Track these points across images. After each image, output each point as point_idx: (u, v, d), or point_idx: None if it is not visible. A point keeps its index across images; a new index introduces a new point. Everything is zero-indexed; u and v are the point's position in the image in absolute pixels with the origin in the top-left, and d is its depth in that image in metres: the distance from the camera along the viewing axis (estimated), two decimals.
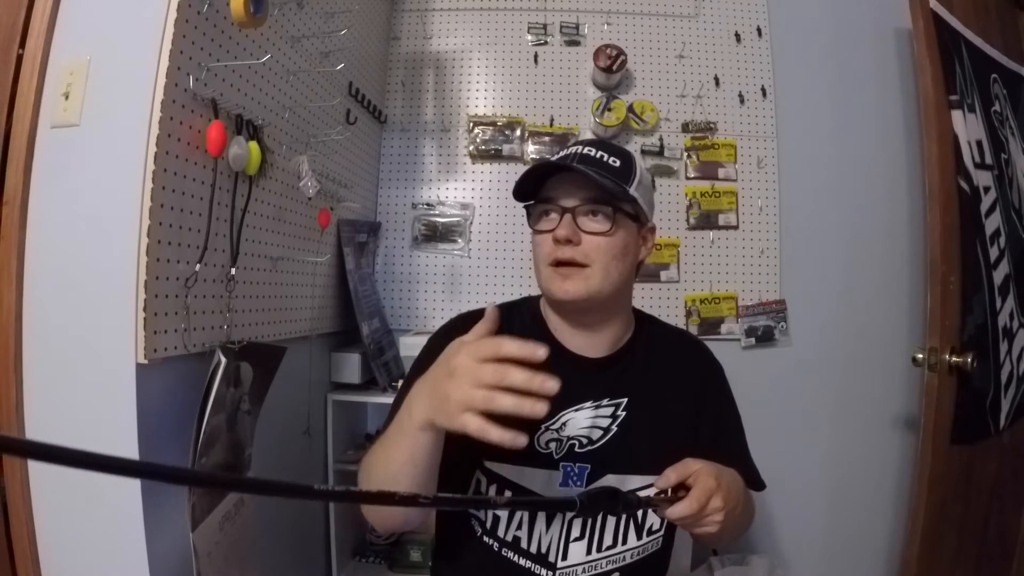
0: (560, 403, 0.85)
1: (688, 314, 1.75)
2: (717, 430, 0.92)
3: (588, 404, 0.86)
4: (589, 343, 0.88)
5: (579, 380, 0.86)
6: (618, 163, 0.84)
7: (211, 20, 0.93)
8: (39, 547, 0.88)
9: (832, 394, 1.76)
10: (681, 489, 0.71)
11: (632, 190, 0.83)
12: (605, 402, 0.86)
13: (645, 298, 1.76)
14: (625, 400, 0.87)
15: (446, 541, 0.94)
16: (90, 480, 0.84)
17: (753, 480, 0.91)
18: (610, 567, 0.85)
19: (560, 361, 0.88)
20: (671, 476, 0.72)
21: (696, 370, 0.95)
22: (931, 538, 1.39)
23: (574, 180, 0.81)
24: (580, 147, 0.85)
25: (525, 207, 0.88)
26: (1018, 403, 1.59)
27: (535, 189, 0.86)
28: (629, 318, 0.93)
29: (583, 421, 0.85)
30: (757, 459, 0.93)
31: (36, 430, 0.87)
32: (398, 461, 0.67)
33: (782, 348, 1.77)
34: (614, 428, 0.86)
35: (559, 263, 0.82)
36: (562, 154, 0.86)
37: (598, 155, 0.84)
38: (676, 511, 0.69)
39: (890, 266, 1.77)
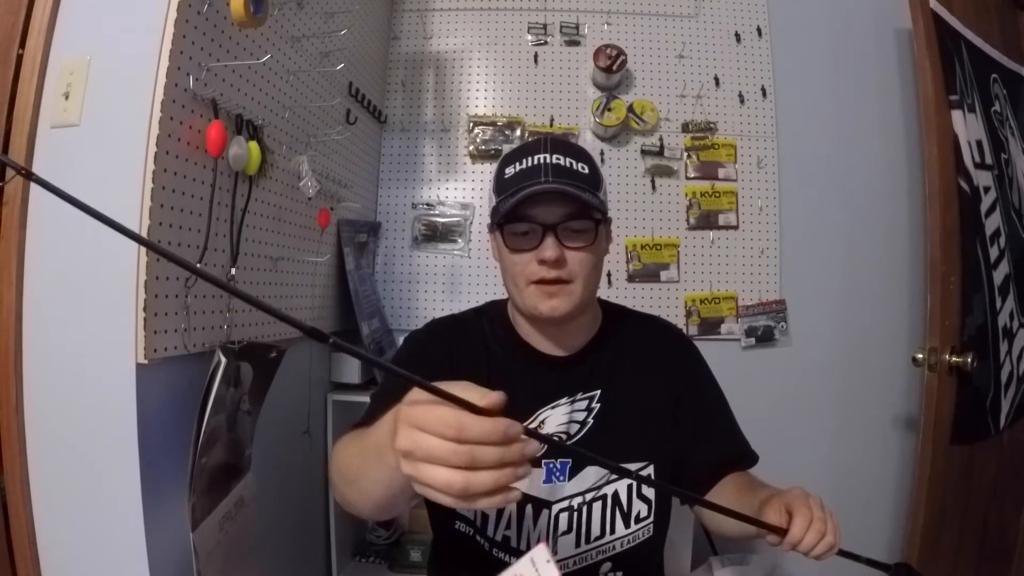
0: (536, 402, 0.86)
1: (688, 314, 1.75)
2: (701, 409, 0.93)
3: (563, 400, 0.87)
4: (559, 342, 0.89)
5: (552, 378, 0.88)
6: (587, 170, 0.83)
7: (211, 20, 0.93)
8: (39, 547, 0.88)
9: (832, 394, 1.76)
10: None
11: (602, 195, 0.84)
12: (579, 396, 0.88)
13: (645, 298, 1.76)
14: (599, 392, 0.88)
15: (441, 542, 0.94)
16: (90, 480, 0.84)
17: (746, 454, 0.92)
18: (600, 558, 0.86)
19: (532, 362, 0.89)
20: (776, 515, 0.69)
21: (669, 354, 0.96)
22: (931, 538, 1.39)
23: (551, 194, 0.79)
24: (547, 155, 0.81)
25: (498, 224, 0.83)
26: (1018, 403, 1.59)
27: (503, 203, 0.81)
28: (596, 311, 0.94)
29: (560, 417, 0.86)
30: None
31: (36, 430, 0.87)
32: (372, 479, 0.60)
33: (782, 348, 1.77)
34: (590, 420, 0.87)
35: (544, 282, 0.81)
36: (529, 164, 0.82)
37: (567, 163, 0.81)
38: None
39: (890, 266, 1.77)
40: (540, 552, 0.61)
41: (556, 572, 0.58)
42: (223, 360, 0.89)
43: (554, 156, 0.82)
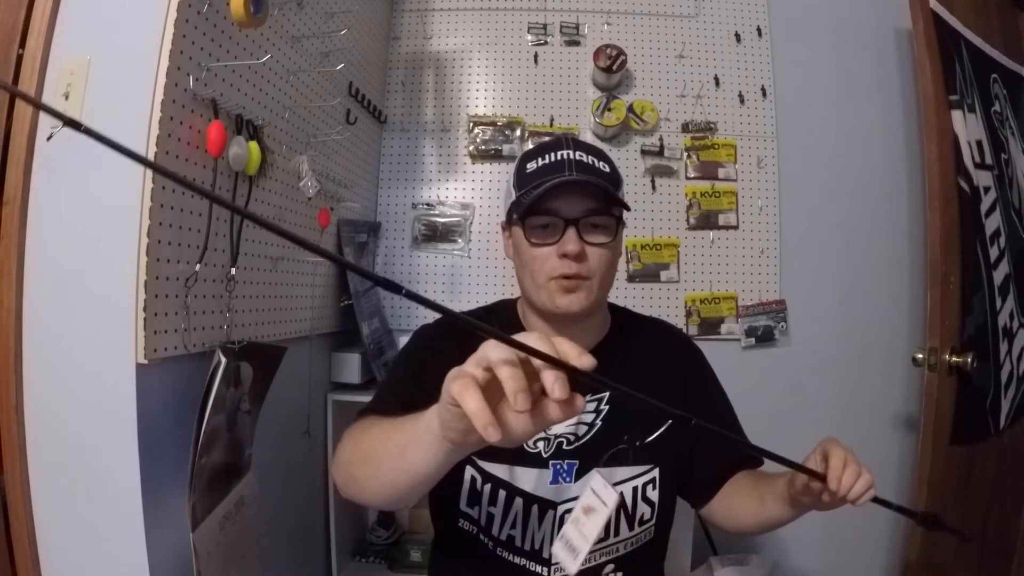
0: None
1: (688, 314, 1.75)
2: (707, 412, 0.93)
3: None
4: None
5: None
6: (607, 168, 0.83)
7: (211, 20, 0.93)
8: (39, 547, 0.88)
9: (832, 394, 1.76)
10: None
11: (620, 194, 0.84)
12: (588, 397, 0.87)
13: (645, 298, 1.76)
14: (607, 394, 0.88)
15: (443, 541, 0.94)
16: (90, 480, 0.84)
17: (750, 454, 0.92)
18: (603, 559, 0.86)
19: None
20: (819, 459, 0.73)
21: (675, 357, 0.96)
22: (931, 538, 1.39)
23: (574, 189, 0.79)
24: (570, 152, 0.82)
25: (519, 217, 0.83)
26: (1018, 403, 1.59)
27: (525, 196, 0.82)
28: (606, 313, 0.94)
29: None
30: None
31: (36, 430, 0.87)
32: (400, 458, 0.58)
33: (782, 348, 1.77)
34: (598, 423, 0.87)
35: (564, 277, 0.80)
36: (553, 160, 0.82)
37: (590, 160, 0.82)
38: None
39: (890, 266, 1.77)
40: (597, 479, 0.67)
41: (615, 494, 0.65)
42: (223, 360, 0.89)
43: (577, 153, 0.82)
